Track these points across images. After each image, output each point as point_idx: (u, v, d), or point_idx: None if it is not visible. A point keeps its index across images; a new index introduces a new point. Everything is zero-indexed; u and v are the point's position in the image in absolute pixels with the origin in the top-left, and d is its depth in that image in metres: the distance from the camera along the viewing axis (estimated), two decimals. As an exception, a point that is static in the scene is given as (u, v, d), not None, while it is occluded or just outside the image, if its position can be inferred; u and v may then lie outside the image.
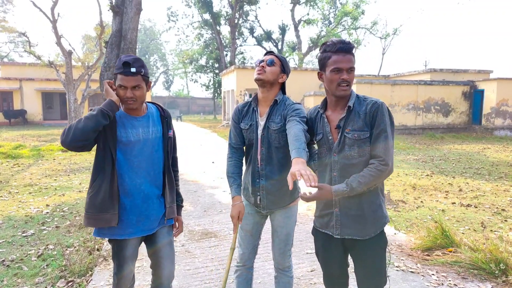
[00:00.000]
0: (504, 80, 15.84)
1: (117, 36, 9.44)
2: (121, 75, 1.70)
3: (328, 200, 1.66)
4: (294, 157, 1.50)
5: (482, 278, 2.82)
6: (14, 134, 16.10)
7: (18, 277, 2.87)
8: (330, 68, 1.58)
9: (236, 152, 2.07)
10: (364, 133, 1.59)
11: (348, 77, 1.58)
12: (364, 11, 29.46)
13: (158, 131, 1.87)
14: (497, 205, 4.96)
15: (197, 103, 48.84)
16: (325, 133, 1.69)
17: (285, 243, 2.04)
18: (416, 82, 16.54)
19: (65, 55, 17.20)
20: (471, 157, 9.41)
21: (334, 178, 1.65)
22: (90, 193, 1.74)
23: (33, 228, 4.06)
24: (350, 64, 1.57)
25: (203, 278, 2.89)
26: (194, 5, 31.02)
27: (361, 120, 1.60)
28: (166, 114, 1.94)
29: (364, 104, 1.62)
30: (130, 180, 1.76)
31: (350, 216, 1.65)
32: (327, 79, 1.61)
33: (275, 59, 1.94)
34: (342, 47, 1.57)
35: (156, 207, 1.85)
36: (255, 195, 1.99)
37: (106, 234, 1.78)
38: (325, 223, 1.73)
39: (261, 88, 1.95)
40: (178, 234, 2.06)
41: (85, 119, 1.63)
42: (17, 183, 6.43)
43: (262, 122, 1.97)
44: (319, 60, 1.65)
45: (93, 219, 1.73)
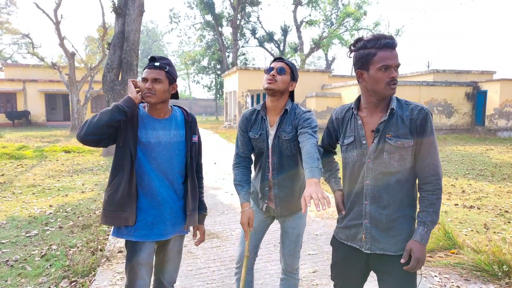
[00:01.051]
0: (507, 81, 15.76)
1: (120, 37, 9.49)
2: (146, 68, 1.74)
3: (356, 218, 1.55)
4: (308, 177, 1.45)
5: (485, 280, 2.81)
6: (17, 135, 16.19)
7: (22, 277, 2.89)
8: (377, 66, 1.41)
9: (244, 161, 2.02)
10: (408, 141, 1.44)
11: (397, 75, 1.44)
12: (367, 12, 29.42)
13: (181, 135, 1.83)
14: (500, 206, 4.93)
15: (199, 104, 48.92)
16: (358, 136, 1.53)
17: (296, 244, 2.02)
18: (418, 83, 16.50)
19: (68, 56, 17.31)
20: (474, 159, 9.37)
21: (367, 187, 1.50)
22: (109, 191, 1.72)
23: (36, 228, 4.08)
24: (398, 61, 1.42)
25: (205, 279, 2.90)
26: (196, 7, 31.12)
27: (406, 127, 1.45)
28: (191, 119, 1.90)
29: (407, 109, 1.47)
30: (148, 180, 1.74)
31: (381, 228, 1.49)
32: (372, 79, 1.44)
33: (285, 66, 1.88)
34: (389, 42, 1.41)
35: (172, 212, 1.80)
36: (263, 201, 1.99)
37: (123, 235, 1.75)
38: (351, 235, 1.58)
39: (271, 97, 1.91)
40: (200, 243, 2.01)
41: (100, 113, 1.63)
42: (20, 183, 6.47)
43: (272, 132, 1.93)
44: (358, 58, 1.47)
45: (110, 217, 1.71)
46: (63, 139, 14.66)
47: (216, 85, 34.56)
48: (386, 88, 1.43)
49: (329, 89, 18.42)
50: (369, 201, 1.50)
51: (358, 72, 1.49)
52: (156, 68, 1.72)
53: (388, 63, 1.40)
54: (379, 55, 1.41)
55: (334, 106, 17.16)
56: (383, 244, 1.49)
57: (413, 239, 1.46)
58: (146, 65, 1.76)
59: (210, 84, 36.35)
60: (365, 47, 1.44)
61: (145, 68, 1.74)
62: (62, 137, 15.60)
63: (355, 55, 1.49)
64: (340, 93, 17.15)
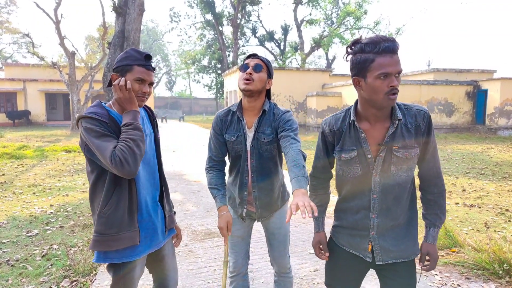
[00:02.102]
0: (507, 79, 15.74)
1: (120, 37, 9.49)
2: (142, 67, 1.53)
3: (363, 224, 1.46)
4: (295, 188, 1.37)
5: (486, 278, 2.81)
6: (18, 135, 16.20)
7: (23, 277, 2.89)
8: (375, 74, 1.25)
9: (218, 164, 1.93)
10: (415, 150, 1.35)
11: (398, 83, 1.28)
12: (367, 11, 29.38)
13: (152, 134, 1.70)
14: (500, 205, 4.93)
15: (199, 103, 48.94)
16: (362, 150, 1.39)
17: (284, 244, 1.98)
18: (419, 82, 16.48)
19: (68, 56, 17.32)
20: (474, 157, 9.36)
21: (374, 201, 1.41)
22: (107, 211, 1.48)
23: (37, 228, 4.09)
24: (399, 67, 1.26)
25: (206, 278, 2.90)
26: (197, 6, 31.11)
27: (412, 135, 1.34)
28: (154, 115, 1.78)
29: (409, 114, 1.36)
30: (137, 192, 1.56)
31: (390, 238, 1.43)
32: (371, 88, 1.28)
33: (261, 63, 1.77)
34: (389, 46, 1.24)
35: (160, 219, 1.67)
36: (242, 207, 1.91)
37: (113, 258, 1.52)
38: (355, 244, 1.48)
39: (248, 98, 1.78)
40: (179, 244, 1.89)
41: (137, 142, 1.43)
42: (21, 183, 6.47)
43: (250, 134, 1.83)
44: (355, 63, 1.31)
45: (112, 241, 1.48)
46: (63, 139, 14.67)
47: (216, 85, 34.56)
48: (385, 98, 1.27)
49: (329, 88, 18.41)
50: (376, 215, 1.42)
51: (354, 79, 1.34)
52: (153, 70, 1.59)
53: (388, 71, 1.24)
54: (378, 61, 1.25)
55: (334, 105, 17.15)
56: (394, 253, 1.43)
57: (427, 242, 1.46)
58: (139, 61, 1.53)
59: (211, 84, 36.35)
60: (363, 51, 1.28)
61: (139, 65, 1.53)
62: (63, 137, 15.61)
63: (352, 59, 1.34)
64: (340, 92, 17.13)
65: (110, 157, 1.37)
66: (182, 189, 6.02)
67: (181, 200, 5.32)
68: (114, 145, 1.41)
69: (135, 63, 1.52)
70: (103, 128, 1.44)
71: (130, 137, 1.42)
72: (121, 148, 1.39)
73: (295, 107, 18.77)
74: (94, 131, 1.42)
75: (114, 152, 1.38)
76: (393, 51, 1.26)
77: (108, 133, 1.44)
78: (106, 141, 1.41)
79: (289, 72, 18.89)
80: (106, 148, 1.39)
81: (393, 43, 1.25)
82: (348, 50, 1.35)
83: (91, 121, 1.44)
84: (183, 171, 7.74)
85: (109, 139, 1.42)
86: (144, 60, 1.54)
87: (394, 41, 1.26)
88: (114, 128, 1.48)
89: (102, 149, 1.40)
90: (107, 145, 1.40)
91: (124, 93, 1.48)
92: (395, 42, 1.26)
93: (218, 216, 1.83)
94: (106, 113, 1.49)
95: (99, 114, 1.46)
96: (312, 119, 17.73)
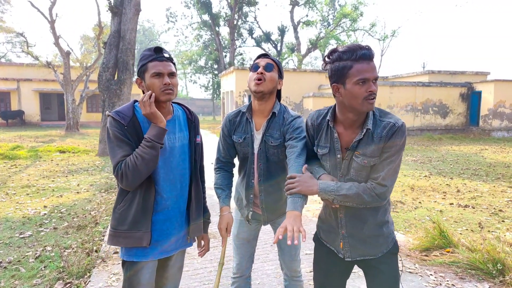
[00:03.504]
0: (501, 81, 15.91)
1: (116, 36, 9.44)
2: (155, 61, 1.48)
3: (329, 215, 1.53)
4: (289, 209, 1.35)
5: (480, 278, 2.83)
6: (11, 135, 16.04)
7: (16, 279, 2.85)
8: (353, 80, 1.31)
9: (226, 165, 1.92)
10: (375, 159, 1.38)
11: (376, 89, 1.33)
12: (363, 13, 29.54)
13: (185, 137, 1.63)
14: (494, 205, 4.97)
15: (196, 104, 48.82)
16: (334, 149, 1.47)
17: (295, 246, 1.93)
18: (414, 83, 16.60)
19: (63, 55, 17.19)
20: (468, 158, 9.44)
21: None
22: (121, 208, 1.50)
23: (30, 229, 4.04)
24: (376, 73, 1.32)
25: (202, 279, 2.89)
26: (193, 6, 31.04)
27: (374, 144, 1.37)
28: (194, 117, 1.70)
29: (380, 126, 1.38)
30: (156, 193, 1.53)
31: (358, 237, 1.49)
32: (349, 94, 1.33)
33: (273, 63, 1.73)
34: (365, 53, 1.30)
35: (178, 226, 1.61)
36: (248, 209, 1.89)
37: (124, 255, 1.55)
38: (331, 240, 1.57)
39: (258, 100, 1.75)
40: (204, 254, 1.81)
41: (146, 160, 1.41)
42: (14, 184, 6.40)
43: (258, 136, 1.80)
44: (334, 71, 1.36)
45: (122, 237, 1.50)
46: (58, 139, 14.55)
47: (213, 85, 34.53)
48: (363, 103, 1.33)
49: (326, 89, 18.46)
50: (343, 214, 1.49)
51: (334, 86, 1.39)
52: (168, 60, 1.51)
53: (366, 76, 1.30)
54: (356, 67, 1.30)
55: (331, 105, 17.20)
56: (361, 250, 1.50)
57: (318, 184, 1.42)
58: (151, 57, 1.50)
59: (207, 84, 36.31)
60: (340, 59, 1.33)
61: (151, 60, 1.48)
62: (57, 137, 15.48)
63: (330, 67, 1.38)
64: (336, 93, 17.18)
65: (114, 167, 1.44)
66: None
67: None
68: (123, 154, 1.44)
69: (148, 61, 1.49)
70: (120, 131, 1.45)
71: (142, 154, 1.42)
72: (128, 163, 1.41)
73: (291, 108, 18.80)
74: (111, 132, 1.46)
75: (121, 164, 1.42)
76: (370, 58, 1.32)
77: (123, 138, 1.45)
78: (118, 146, 1.45)
79: (286, 73, 18.91)
80: (115, 156, 1.44)
81: (369, 51, 1.32)
82: (326, 60, 1.40)
83: (112, 122, 1.47)
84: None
85: (122, 145, 1.45)
86: (154, 53, 1.50)
87: (370, 49, 1.32)
88: (132, 132, 1.47)
89: (112, 154, 1.46)
90: (117, 152, 1.44)
91: (147, 108, 1.44)
92: (371, 50, 1.32)
93: (219, 216, 1.82)
94: (132, 114, 1.49)
95: (122, 115, 1.47)
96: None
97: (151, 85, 1.48)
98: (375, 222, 1.48)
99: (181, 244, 1.66)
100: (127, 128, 1.46)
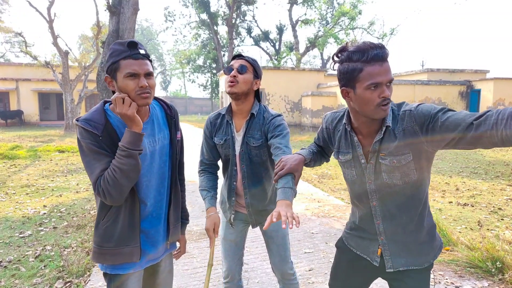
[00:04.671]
0: (500, 79, 15.94)
1: (114, 36, 9.42)
2: (129, 59, 1.27)
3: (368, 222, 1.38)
4: (279, 198, 1.32)
5: (479, 276, 2.84)
6: (10, 135, 16.01)
7: (16, 278, 2.86)
8: (365, 85, 1.16)
9: (209, 167, 1.91)
10: (405, 157, 1.23)
11: (389, 93, 1.18)
12: (361, 11, 29.52)
13: (165, 137, 1.48)
14: (493, 204, 4.99)
15: (194, 103, 48.80)
16: (356, 155, 1.34)
17: (284, 247, 1.89)
18: (413, 82, 16.61)
19: (62, 55, 17.16)
20: (467, 157, 9.46)
21: (374, 209, 1.34)
22: (105, 223, 1.35)
23: (30, 229, 4.04)
24: (390, 76, 1.17)
25: (201, 278, 2.89)
26: (192, 5, 30.99)
27: (398, 141, 1.23)
28: (174, 113, 1.53)
29: (399, 119, 1.24)
30: (140, 202, 1.41)
31: (401, 243, 1.34)
32: (360, 99, 1.20)
33: (246, 64, 1.70)
34: (378, 53, 1.15)
35: (162, 232, 1.51)
36: (230, 211, 1.88)
37: (107, 268, 1.42)
38: (364, 246, 1.42)
39: (235, 101, 1.74)
40: (180, 256, 1.73)
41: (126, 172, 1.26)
42: (14, 184, 6.40)
43: (239, 138, 1.78)
44: (342, 73, 1.22)
45: (110, 255, 1.36)
46: (57, 139, 14.53)
47: (211, 84, 34.49)
48: (376, 110, 1.19)
49: (324, 88, 18.46)
50: (381, 221, 1.34)
51: (343, 91, 1.24)
52: (144, 57, 1.30)
53: (378, 80, 1.15)
54: (367, 70, 1.15)
55: (329, 105, 17.21)
56: (405, 259, 1.34)
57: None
58: (124, 54, 1.27)
59: (206, 83, 36.26)
60: (350, 60, 1.18)
61: (124, 58, 1.27)
62: (56, 137, 15.45)
63: (339, 68, 1.24)
64: (335, 92, 17.19)
65: (94, 184, 1.27)
66: (177, 189, 6.00)
67: (176, 200, 5.30)
68: (102, 168, 1.27)
69: (120, 58, 1.27)
70: (94, 143, 1.27)
71: (119, 166, 1.24)
72: (106, 178, 1.25)
73: (290, 107, 18.80)
74: (84, 145, 1.28)
75: (100, 180, 1.26)
76: (383, 58, 1.16)
77: (99, 149, 1.27)
78: (96, 160, 1.27)
79: (284, 72, 18.92)
80: (93, 172, 1.27)
81: (382, 50, 1.16)
82: (335, 59, 1.26)
83: (83, 133, 1.28)
84: (178, 171, 7.70)
85: (99, 158, 1.27)
86: (128, 50, 1.27)
87: (383, 47, 1.17)
88: (108, 141, 1.29)
89: (89, 170, 1.28)
90: (94, 167, 1.27)
91: (125, 108, 1.24)
92: (384, 49, 1.17)
93: (206, 217, 1.79)
94: (104, 121, 1.30)
95: (93, 124, 1.28)
96: (307, 119, 17.78)
97: (125, 87, 1.27)
98: (421, 227, 1.34)
99: (167, 249, 1.59)
100: (102, 138, 1.27)
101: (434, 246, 1.38)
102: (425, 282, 1.37)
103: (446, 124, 1.11)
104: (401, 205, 1.31)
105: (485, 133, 1.02)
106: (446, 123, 1.11)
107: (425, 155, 1.24)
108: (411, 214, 1.32)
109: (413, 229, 1.33)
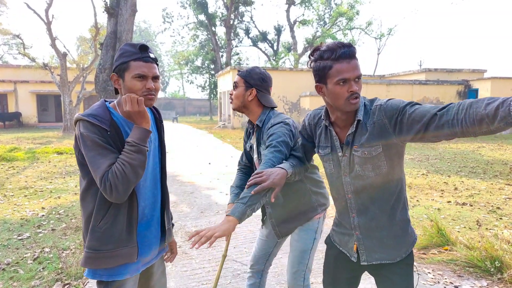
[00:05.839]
0: (498, 79, 15.99)
1: (112, 37, 9.41)
2: (139, 61, 1.32)
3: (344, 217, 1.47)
4: (227, 212, 1.32)
5: (478, 275, 2.84)
6: (9, 137, 15.96)
7: (14, 281, 2.85)
8: (334, 80, 1.28)
9: (244, 168, 2.05)
10: (375, 149, 1.31)
11: (358, 88, 1.29)
12: (359, 12, 29.62)
13: (156, 139, 1.52)
14: (492, 203, 5.00)
15: (193, 104, 48.74)
16: (334, 148, 1.42)
17: (299, 261, 1.83)
18: (411, 81, 16.66)
19: (60, 57, 17.13)
20: (466, 156, 9.48)
21: (350, 201, 1.42)
22: (104, 225, 1.33)
23: (28, 231, 4.03)
24: (357, 72, 1.28)
25: (200, 279, 2.89)
26: (189, 6, 31.00)
27: (369, 133, 1.32)
28: (160, 116, 1.61)
29: (370, 113, 1.34)
30: (137, 203, 1.42)
31: (374, 238, 1.41)
32: (331, 94, 1.31)
33: (237, 79, 1.79)
34: (345, 52, 1.26)
35: (156, 234, 1.52)
36: (263, 212, 1.96)
37: (102, 275, 1.37)
38: (344, 242, 1.51)
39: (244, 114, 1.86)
40: (173, 259, 1.73)
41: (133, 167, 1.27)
42: (12, 186, 6.38)
43: (254, 146, 1.87)
44: (315, 70, 1.34)
45: (108, 258, 1.34)
46: (55, 141, 14.49)
47: (210, 85, 34.47)
48: (346, 103, 1.30)
49: (323, 88, 18.49)
50: (355, 214, 1.42)
51: (317, 86, 1.37)
52: (153, 61, 1.37)
53: (346, 76, 1.26)
54: (336, 67, 1.27)
55: (328, 105, 17.25)
56: (379, 254, 1.41)
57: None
58: (135, 56, 1.33)
59: (204, 84, 36.25)
60: (322, 58, 1.30)
61: (134, 59, 1.32)
62: (54, 139, 15.42)
63: (313, 66, 1.35)
64: (334, 92, 17.23)
65: (101, 178, 1.25)
66: (175, 190, 5.99)
67: (174, 201, 5.29)
68: (109, 163, 1.26)
69: (131, 59, 1.33)
70: (101, 138, 1.27)
71: (129, 161, 1.26)
72: (115, 172, 1.24)
73: (288, 107, 18.82)
74: (90, 140, 1.26)
75: (107, 174, 1.24)
76: (350, 56, 1.28)
77: (106, 145, 1.28)
78: (102, 155, 1.26)
79: (283, 73, 18.94)
80: (99, 166, 1.25)
81: (350, 49, 1.28)
82: (310, 57, 1.38)
83: (89, 127, 1.27)
84: (176, 172, 7.70)
85: (106, 153, 1.27)
86: (139, 52, 1.34)
87: (350, 46, 1.28)
88: (114, 137, 1.31)
89: (95, 165, 1.26)
90: (101, 162, 1.26)
91: (135, 106, 1.29)
92: (351, 48, 1.28)
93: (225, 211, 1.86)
94: (109, 116, 1.32)
95: (100, 119, 1.29)
96: (306, 119, 17.80)
97: (132, 87, 1.32)
98: (394, 221, 1.40)
99: (160, 252, 1.60)
100: (110, 134, 1.29)
101: (407, 241, 1.44)
102: (408, 277, 1.44)
103: (413, 116, 1.20)
104: (374, 197, 1.39)
105: (447, 123, 1.10)
106: (413, 115, 1.20)
107: (394, 148, 1.33)
108: (383, 207, 1.39)
109: (386, 223, 1.40)
